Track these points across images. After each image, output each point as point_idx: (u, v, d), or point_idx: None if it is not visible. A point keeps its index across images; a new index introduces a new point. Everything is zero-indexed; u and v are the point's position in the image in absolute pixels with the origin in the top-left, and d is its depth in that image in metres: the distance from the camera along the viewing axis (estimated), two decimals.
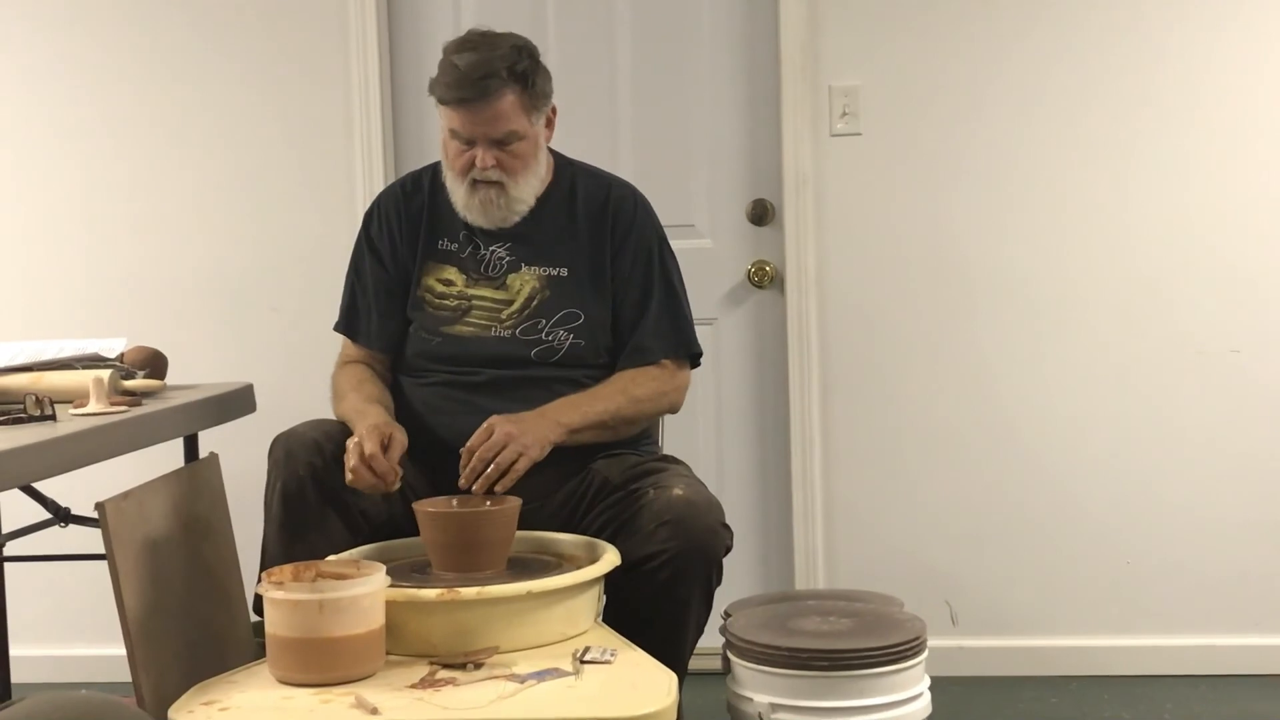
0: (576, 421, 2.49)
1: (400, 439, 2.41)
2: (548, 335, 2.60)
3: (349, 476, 2.35)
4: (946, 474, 3.61)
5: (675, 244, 2.75)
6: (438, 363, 2.62)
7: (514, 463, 2.35)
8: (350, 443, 2.37)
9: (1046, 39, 3.53)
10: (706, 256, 3.65)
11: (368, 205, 2.79)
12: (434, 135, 3.65)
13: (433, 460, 2.52)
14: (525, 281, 2.62)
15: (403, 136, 3.73)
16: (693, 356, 2.70)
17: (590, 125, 3.63)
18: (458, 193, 2.60)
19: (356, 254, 2.75)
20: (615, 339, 2.65)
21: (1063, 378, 3.58)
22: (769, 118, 3.64)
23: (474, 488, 2.35)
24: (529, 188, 2.60)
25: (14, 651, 3.16)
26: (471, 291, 2.63)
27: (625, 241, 2.66)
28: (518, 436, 2.37)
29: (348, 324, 2.75)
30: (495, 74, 2.50)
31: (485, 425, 2.39)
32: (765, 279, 3.65)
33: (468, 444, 2.38)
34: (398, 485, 2.38)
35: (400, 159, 3.71)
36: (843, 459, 3.63)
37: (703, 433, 3.68)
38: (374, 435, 2.36)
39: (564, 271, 2.63)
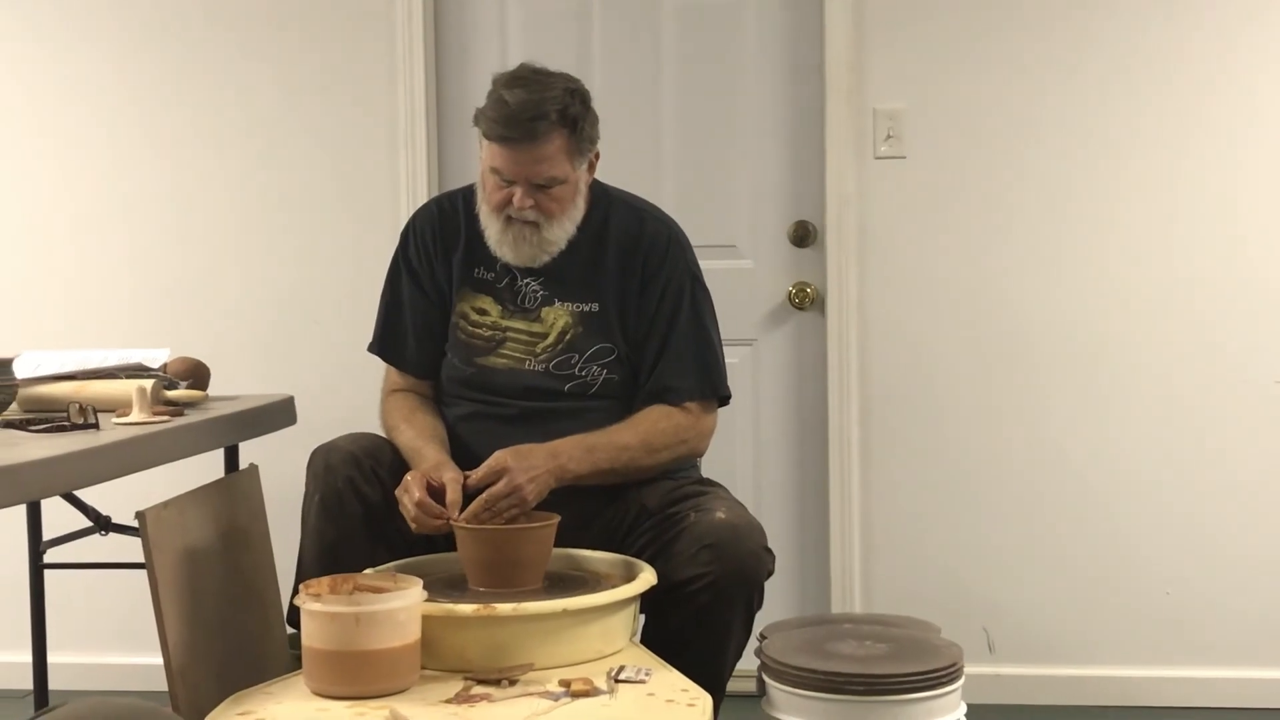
0: (585, 470, 2.44)
1: (453, 477, 2.36)
2: (581, 370, 2.56)
3: (412, 526, 2.34)
4: (985, 500, 3.59)
5: (716, 264, 2.73)
6: (470, 390, 2.61)
7: (508, 508, 2.32)
8: (399, 492, 2.36)
9: (1097, 72, 3.51)
10: (747, 277, 3.64)
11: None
12: (477, 152, 3.69)
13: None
14: (558, 316, 2.58)
15: (446, 152, 3.74)
16: (721, 398, 2.63)
17: (634, 143, 3.63)
18: (491, 227, 2.55)
19: (393, 275, 2.71)
20: (641, 376, 2.59)
21: (1106, 404, 3.55)
22: (812, 139, 3.63)
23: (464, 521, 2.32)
24: (563, 230, 2.54)
25: (52, 659, 3.18)
26: (506, 323, 2.60)
27: (654, 278, 2.58)
28: (523, 488, 2.33)
29: (386, 348, 2.71)
30: (545, 116, 2.43)
31: (496, 467, 2.35)
32: (806, 300, 3.64)
33: (475, 479, 2.34)
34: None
35: (444, 174, 3.72)
36: (881, 483, 3.61)
37: (741, 454, 3.67)
38: (419, 482, 2.34)
39: (595, 307, 2.58)
